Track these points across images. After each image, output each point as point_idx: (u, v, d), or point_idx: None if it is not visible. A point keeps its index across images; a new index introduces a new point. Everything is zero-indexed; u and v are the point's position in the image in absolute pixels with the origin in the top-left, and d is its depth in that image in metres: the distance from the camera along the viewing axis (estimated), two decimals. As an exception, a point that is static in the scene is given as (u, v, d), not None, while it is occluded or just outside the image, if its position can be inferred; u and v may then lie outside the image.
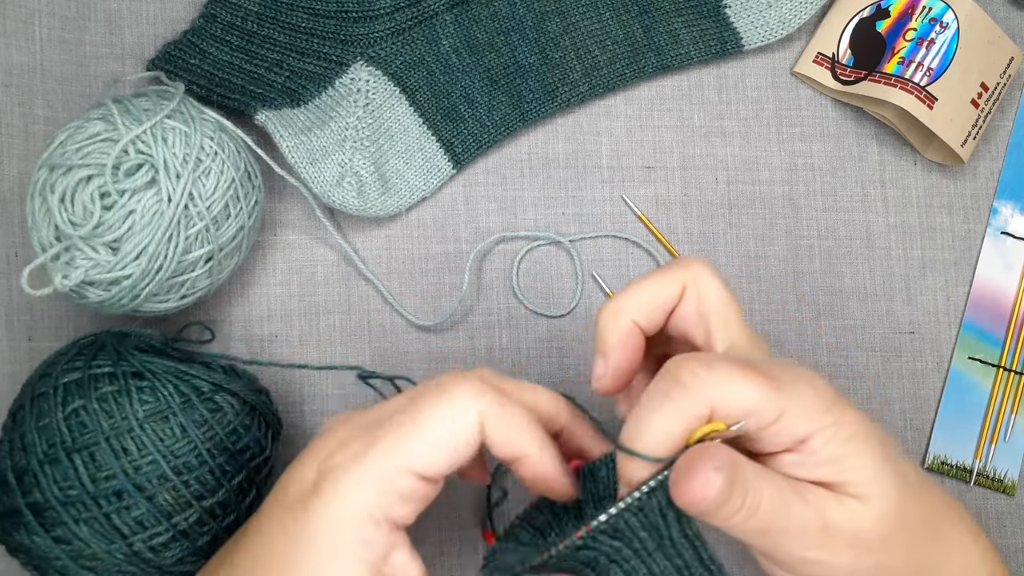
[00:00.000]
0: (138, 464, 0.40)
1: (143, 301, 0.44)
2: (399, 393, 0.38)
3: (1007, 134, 0.56)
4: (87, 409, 0.40)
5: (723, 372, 0.31)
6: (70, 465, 0.39)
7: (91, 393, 0.40)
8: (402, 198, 0.52)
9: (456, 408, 0.34)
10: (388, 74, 0.52)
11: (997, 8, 0.56)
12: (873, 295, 0.54)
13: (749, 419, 0.31)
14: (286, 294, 0.52)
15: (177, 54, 0.50)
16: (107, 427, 0.40)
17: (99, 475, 0.39)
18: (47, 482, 0.39)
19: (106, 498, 0.39)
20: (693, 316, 0.36)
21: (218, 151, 0.44)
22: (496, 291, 0.53)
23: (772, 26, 0.54)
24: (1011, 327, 0.55)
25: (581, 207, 0.54)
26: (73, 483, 0.39)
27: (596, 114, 0.54)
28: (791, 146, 0.55)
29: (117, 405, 0.40)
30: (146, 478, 0.39)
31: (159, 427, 0.40)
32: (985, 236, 0.55)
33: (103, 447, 0.39)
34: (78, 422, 0.40)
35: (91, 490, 0.39)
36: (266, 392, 0.46)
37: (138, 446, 0.40)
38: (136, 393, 0.41)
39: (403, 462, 0.33)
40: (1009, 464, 0.54)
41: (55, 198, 0.42)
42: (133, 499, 0.39)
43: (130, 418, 0.40)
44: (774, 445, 0.32)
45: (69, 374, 0.41)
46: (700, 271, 0.36)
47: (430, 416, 0.34)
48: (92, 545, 0.39)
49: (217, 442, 0.41)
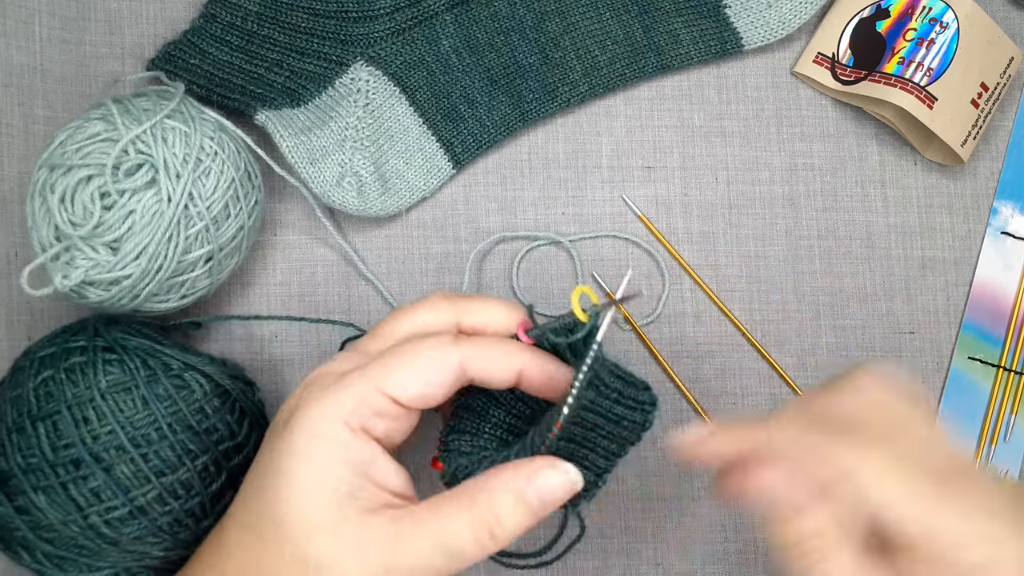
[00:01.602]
0: (97, 434, 0.40)
1: (143, 301, 0.44)
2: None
3: (1007, 134, 0.56)
4: (55, 379, 0.40)
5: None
6: (33, 433, 0.40)
7: (60, 364, 0.41)
8: (402, 198, 0.52)
9: (435, 356, 0.36)
10: (388, 74, 0.52)
11: (997, 8, 0.56)
12: (873, 295, 0.54)
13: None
14: (286, 294, 0.52)
15: (177, 54, 0.50)
16: (70, 396, 0.40)
17: (59, 443, 0.39)
18: (12, 450, 0.40)
19: (64, 467, 0.39)
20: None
21: (218, 151, 0.44)
22: (496, 291, 0.53)
23: (772, 26, 0.54)
24: (1011, 327, 0.55)
25: (581, 207, 0.54)
26: (35, 451, 0.39)
27: (596, 114, 0.54)
28: (791, 146, 0.55)
29: (83, 375, 0.40)
30: (103, 447, 0.39)
31: (121, 398, 0.40)
32: (985, 236, 0.55)
33: (64, 415, 0.40)
34: (46, 392, 0.40)
35: (50, 458, 0.39)
36: (251, 383, 0.46)
37: (98, 415, 0.40)
38: (103, 365, 0.41)
39: (379, 383, 0.35)
40: (1009, 464, 0.54)
41: (55, 198, 0.42)
42: (90, 469, 0.39)
43: (92, 388, 0.40)
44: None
45: (46, 348, 0.42)
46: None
47: (410, 355, 0.36)
48: (49, 515, 0.39)
49: (180, 418, 0.41)
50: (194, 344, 0.50)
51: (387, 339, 0.39)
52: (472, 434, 0.40)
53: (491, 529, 0.34)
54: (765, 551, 0.52)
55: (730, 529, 0.52)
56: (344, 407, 0.35)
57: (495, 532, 0.34)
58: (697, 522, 0.52)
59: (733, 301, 0.54)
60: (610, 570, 0.51)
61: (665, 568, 0.51)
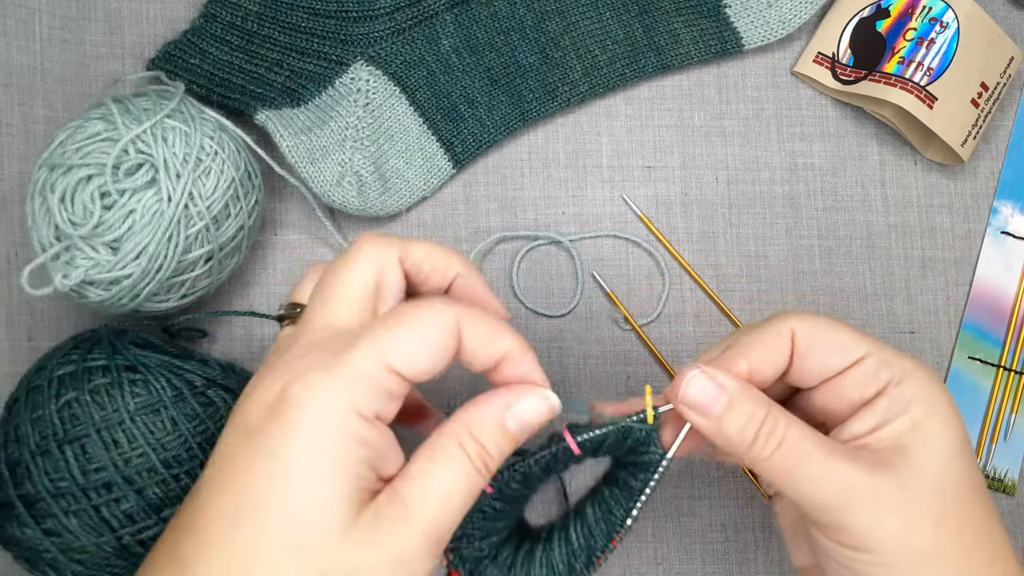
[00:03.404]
0: (128, 457, 0.40)
1: (143, 301, 0.44)
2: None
3: (1007, 134, 0.56)
4: (79, 401, 0.40)
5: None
6: (61, 457, 0.39)
7: (84, 385, 0.40)
8: (402, 198, 0.52)
9: (436, 313, 0.31)
10: (388, 74, 0.52)
11: (997, 8, 0.56)
12: (873, 295, 0.54)
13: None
14: (286, 294, 0.52)
15: (177, 54, 0.50)
16: (98, 419, 0.40)
17: (89, 467, 0.39)
18: (38, 474, 0.39)
19: (96, 490, 0.39)
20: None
21: (218, 151, 0.44)
22: (496, 291, 0.53)
23: (772, 26, 0.54)
24: (1011, 327, 0.55)
25: (581, 207, 0.54)
26: (64, 475, 0.39)
27: (596, 114, 0.54)
28: (791, 146, 0.55)
29: (109, 397, 0.40)
30: (136, 471, 0.39)
31: (150, 420, 0.40)
32: (985, 236, 0.55)
33: (94, 439, 0.39)
34: (70, 414, 0.40)
35: (81, 482, 0.39)
36: None
37: (129, 439, 0.40)
38: (128, 386, 0.41)
39: (387, 358, 0.30)
40: (1009, 463, 0.54)
41: (55, 198, 0.42)
42: (122, 492, 0.39)
43: (121, 410, 0.40)
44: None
45: (64, 367, 0.41)
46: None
47: (411, 318, 0.31)
48: (81, 538, 0.39)
49: (208, 436, 0.41)
50: (195, 345, 0.50)
51: (337, 302, 0.32)
52: (481, 536, 0.36)
53: (485, 463, 0.32)
54: (765, 551, 0.52)
55: (730, 529, 0.52)
56: (356, 394, 0.29)
57: (488, 464, 0.32)
58: (697, 522, 0.52)
59: (733, 301, 0.54)
60: (610, 570, 0.51)
61: (665, 568, 0.51)
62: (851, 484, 0.32)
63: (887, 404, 0.33)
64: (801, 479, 0.32)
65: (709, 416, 0.33)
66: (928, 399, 0.33)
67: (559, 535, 0.36)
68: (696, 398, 0.33)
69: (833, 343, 0.34)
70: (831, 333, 0.35)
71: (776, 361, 0.35)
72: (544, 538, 0.36)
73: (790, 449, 0.32)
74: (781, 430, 0.33)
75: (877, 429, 0.33)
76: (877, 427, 0.33)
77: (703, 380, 0.33)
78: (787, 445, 0.32)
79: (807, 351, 0.35)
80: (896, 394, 0.33)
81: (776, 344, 0.35)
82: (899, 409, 0.33)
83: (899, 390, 0.33)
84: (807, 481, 0.32)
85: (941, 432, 0.33)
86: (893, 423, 0.33)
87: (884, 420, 0.33)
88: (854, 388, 0.34)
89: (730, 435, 0.33)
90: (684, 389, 0.33)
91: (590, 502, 0.36)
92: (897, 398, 0.33)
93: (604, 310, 0.53)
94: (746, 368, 0.34)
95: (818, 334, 0.35)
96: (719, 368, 0.34)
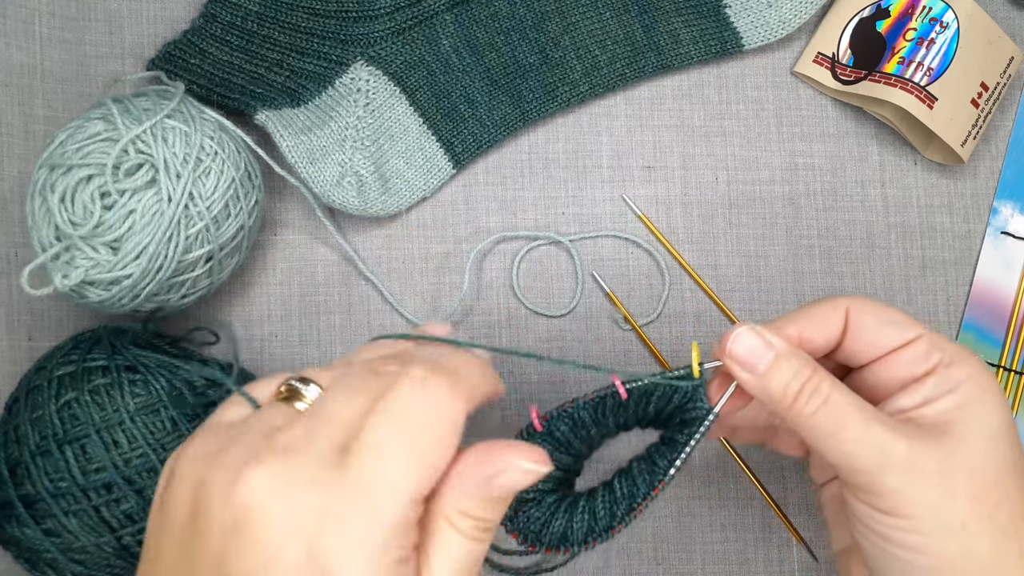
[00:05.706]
0: (128, 457, 0.40)
1: (143, 301, 0.44)
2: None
3: (1007, 134, 0.56)
4: (79, 401, 0.40)
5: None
6: (61, 457, 0.39)
7: (84, 385, 0.41)
8: (402, 198, 0.52)
9: (446, 418, 0.29)
10: (388, 74, 0.52)
11: (997, 8, 0.56)
12: (873, 295, 0.54)
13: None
14: (286, 294, 0.52)
15: (177, 54, 0.50)
16: (98, 419, 0.40)
17: (89, 467, 0.39)
18: (38, 474, 0.39)
19: (96, 491, 0.39)
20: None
21: (218, 151, 0.44)
22: (496, 291, 0.53)
23: (772, 26, 0.54)
24: (1011, 327, 0.55)
25: (581, 207, 0.54)
26: (64, 475, 0.39)
27: (596, 114, 0.54)
28: (791, 146, 0.55)
29: (109, 398, 0.40)
30: (136, 471, 0.39)
31: (150, 420, 0.40)
32: (985, 236, 0.55)
33: (94, 439, 0.40)
34: (70, 414, 0.40)
35: (81, 482, 0.39)
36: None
37: (129, 439, 0.40)
38: (128, 386, 0.41)
39: (411, 494, 0.27)
40: (1009, 464, 0.54)
41: (55, 198, 0.42)
42: (122, 492, 0.39)
43: (121, 411, 0.40)
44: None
45: (64, 367, 0.41)
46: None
47: (422, 433, 0.28)
48: (81, 538, 0.39)
49: None
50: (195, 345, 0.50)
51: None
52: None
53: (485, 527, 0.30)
54: (765, 551, 0.52)
55: (730, 529, 0.52)
56: (388, 542, 0.26)
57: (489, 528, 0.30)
58: (697, 522, 0.52)
59: (733, 301, 0.54)
60: (610, 570, 0.51)
61: (665, 568, 0.51)
62: (890, 449, 0.32)
63: (935, 382, 0.34)
64: (842, 439, 0.32)
65: (755, 371, 0.34)
66: (977, 382, 0.33)
67: (602, 488, 0.37)
68: (742, 353, 0.34)
69: (889, 320, 0.35)
70: (886, 313, 0.35)
71: (827, 332, 0.35)
72: (588, 493, 0.37)
73: (833, 409, 0.33)
74: (826, 390, 0.33)
75: (923, 405, 0.34)
76: (924, 403, 0.34)
77: (751, 336, 0.34)
78: (830, 405, 0.33)
79: (862, 327, 0.35)
80: (946, 375, 0.34)
81: (830, 317, 0.35)
82: (947, 388, 0.33)
83: (948, 371, 0.34)
84: (848, 441, 0.32)
85: (988, 412, 0.33)
86: (940, 400, 0.33)
87: (931, 397, 0.33)
88: (904, 367, 0.35)
89: (774, 389, 0.33)
90: (731, 344, 0.34)
91: (635, 460, 0.37)
92: (946, 378, 0.34)
93: (604, 310, 0.53)
94: (796, 333, 0.35)
95: (873, 312, 0.35)
96: (768, 328, 0.35)
